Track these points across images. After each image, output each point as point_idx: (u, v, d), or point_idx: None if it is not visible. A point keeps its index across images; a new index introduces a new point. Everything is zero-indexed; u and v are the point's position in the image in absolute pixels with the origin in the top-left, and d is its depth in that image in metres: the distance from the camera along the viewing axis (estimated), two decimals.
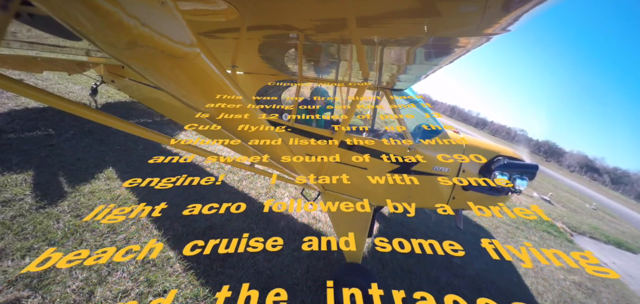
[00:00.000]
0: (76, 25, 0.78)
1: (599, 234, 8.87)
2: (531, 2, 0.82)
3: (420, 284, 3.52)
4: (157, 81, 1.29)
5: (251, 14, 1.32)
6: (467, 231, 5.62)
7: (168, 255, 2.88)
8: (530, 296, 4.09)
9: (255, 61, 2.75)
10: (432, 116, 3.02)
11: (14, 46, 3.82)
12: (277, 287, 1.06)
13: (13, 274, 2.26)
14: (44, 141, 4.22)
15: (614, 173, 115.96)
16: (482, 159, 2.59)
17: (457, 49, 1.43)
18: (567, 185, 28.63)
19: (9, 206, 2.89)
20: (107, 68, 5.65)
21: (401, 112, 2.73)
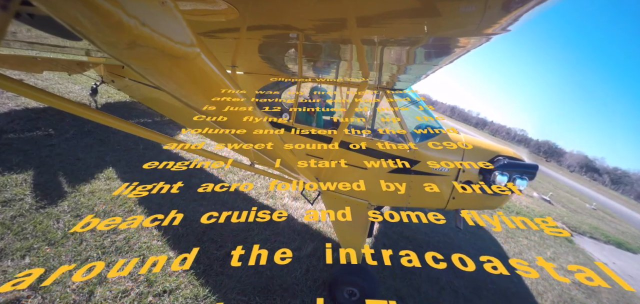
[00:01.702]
0: (76, 25, 0.78)
1: (599, 234, 8.87)
2: (531, 2, 0.82)
3: (420, 284, 3.52)
4: (157, 80, 1.29)
5: (251, 14, 1.32)
6: (467, 230, 5.62)
7: (168, 255, 2.88)
8: (531, 296, 4.09)
9: (255, 61, 2.75)
10: (432, 116, 3.01)
11: (14, 46, 3.82)
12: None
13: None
14: (44, 141, 4.22)
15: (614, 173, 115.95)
16: (482, 159, 2.59)
17: (457, 49, 1.43)
18: (567, 185, 28.64)
19: (9, 206, 2.89)
20: (107, 68, 5.65)
21: (401, 112, 2.73)
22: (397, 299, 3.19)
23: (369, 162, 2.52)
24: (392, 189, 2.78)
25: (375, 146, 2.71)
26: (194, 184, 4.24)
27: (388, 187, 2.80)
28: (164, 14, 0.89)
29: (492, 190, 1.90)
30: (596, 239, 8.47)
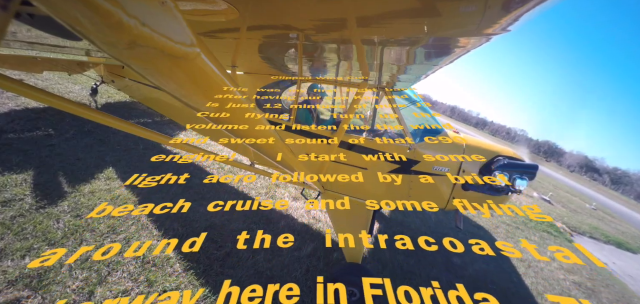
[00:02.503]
0: (76, 25, 0.78)
1: (599, 234, 8.87)
2: (531, 2, 0.81)
3: (420, 284, 3.52)
4: (157, 80, 1.29)
5: (251, 14, 1.32)
6: (467, 230, 5.62)
7: (168, 255, 2.88)
8: (530, 296, 4.09)
9: (255, 61, 2.75)
10: (432, 115, 3.02)
11: (14, 46, 3.82)
12: None
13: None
14: (44, 141, 4.22)
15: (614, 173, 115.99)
16: (482, 159, 2.59)
17: (457, 49, 1.43)
18: (567, 185, 28.63)
19: (9, 206, 2.89)
20: (107, 68, 5.65)
21: (401, 112, 2.73)
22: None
23: (369, 162, 2.51)
24: (392, 188, 2.79)
25: (375, 145, 2.71)
26: (195, 184, 4.24)
27: (388, 187, 2.81)
28: (164, 14, 0.89)
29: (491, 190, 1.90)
30: (596, 239, 8.47)
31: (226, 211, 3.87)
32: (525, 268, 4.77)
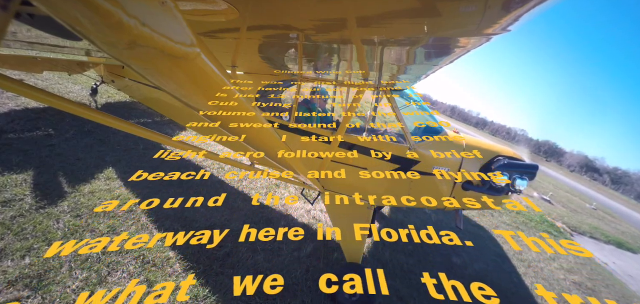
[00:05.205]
0: (76, 25, 0.78)
1: (599, 234, 8.86)
2: (531, 2, 0.81)
3: (420, 284, 3.52)
4: (157, 80, 1.29)
5: (251, 14, 1.32)
6: (467, 230, 5.62)
7: (168, 255, 2.88)
8: (530, 296, 4.09)
9: (255, 61, 2.75)
10: (432, 115, 3.02)
11: (14, 46, 3.82)
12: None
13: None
14: (44, 141, 4.22)
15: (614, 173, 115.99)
16: (482, 157, 2.58)
17: (457, 49, 1.43)
18: (567, 185, 28.64)
19: (9, 206, 2.89)
20: (107, 68, 5.65)
21: (401, 112, 2.73)
22: (397, 300, 3.19)
23: (369, 162, 2.51)
24: (391, 187, 2.79)
25: (375, 145, 2.71)
26: (195, 184, 4.24)
27: (388, 186, 2.81)
28: (164, 14, 0.89)
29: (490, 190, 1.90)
30: (596, 239, 8.47)
31: (226, 211, 3.87)
32: (525, 267, 4.77)
